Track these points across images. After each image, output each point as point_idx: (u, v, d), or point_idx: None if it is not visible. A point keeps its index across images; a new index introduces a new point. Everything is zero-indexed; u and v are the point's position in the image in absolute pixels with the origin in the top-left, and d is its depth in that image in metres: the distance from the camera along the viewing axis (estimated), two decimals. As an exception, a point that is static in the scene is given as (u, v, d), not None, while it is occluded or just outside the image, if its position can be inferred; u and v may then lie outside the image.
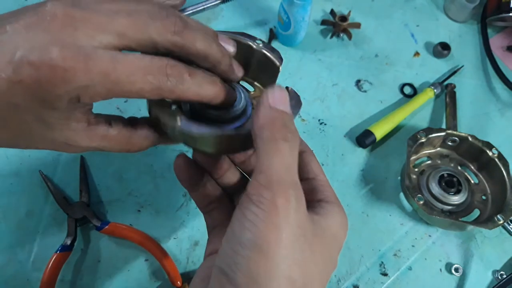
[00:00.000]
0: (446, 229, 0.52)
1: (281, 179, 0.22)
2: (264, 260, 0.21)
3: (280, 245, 0.21)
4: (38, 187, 0.50)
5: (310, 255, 0.22)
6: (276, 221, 0.21)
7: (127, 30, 0.23)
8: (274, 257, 0.21)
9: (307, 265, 0.22)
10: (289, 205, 0.21)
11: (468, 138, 0.54)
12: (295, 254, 0.21)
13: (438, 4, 0.70)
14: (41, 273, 0.44)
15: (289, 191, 0.21)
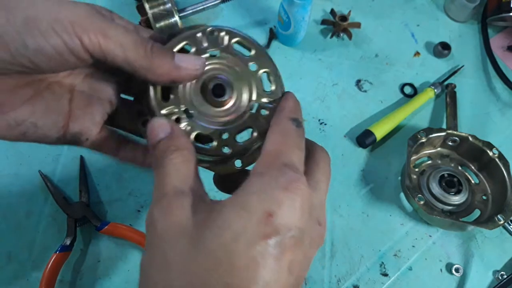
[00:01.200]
0: (447, 229, 0.52)
1: (153, 199, 0.24)
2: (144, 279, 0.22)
3: (152, 258, 0.22)
4: (38, 187, 0.50)
5: (192, 249, 0.21)
6: (147, 239, 0.23)
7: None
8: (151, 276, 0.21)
9: (188, 260, 0.21)
10: (151, 220, 0.22)
11: (469, 138, 0.54)
12: (173, 257, 0.21)
13: (438, 4, 0.70)
14: (40, 273, 0.44)
15: (152, 206, 0.23)
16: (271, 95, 0.32)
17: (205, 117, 0.30)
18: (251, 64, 0.32)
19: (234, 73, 0.32)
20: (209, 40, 0.31)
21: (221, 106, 0.31)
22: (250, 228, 0.20)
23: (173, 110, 0.30)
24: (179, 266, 0.20)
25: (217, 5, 0.57)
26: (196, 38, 0.31)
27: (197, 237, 0.21)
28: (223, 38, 0.32)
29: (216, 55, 0.31)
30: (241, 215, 0.20)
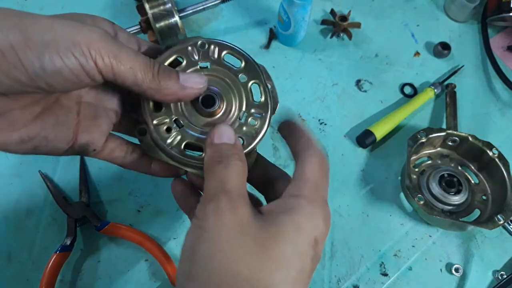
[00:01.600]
0: (447, 229, 0.52)
1: (212, 192, 0.26)
2: (192, 260, 0.24)
3: (210, 243, 0.24)
4: (38, 187, 0.50)
5: (259, 250, 0.24)
6: (203, 224, 0.25)
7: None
8: (203, 256, 0.24)
9: (254, 258, 0.24)
10: (217, 209, 0.25)
11: (469, 138, 0.54)
12: (236, 250, 0.24)
13: (438, 4, 0.70)
14: (41, 273, 0.44)
15: (218, 198, 0.25)
16: (260, 106, 0.33)
17: (195, 127, 0.32)
18: (241, 76, 0.33)
19: (224, 84, 0.33)
20: (200, 52, 0.33)
21: (211, 116, 0.32)
22: (304, 248, 0.25)
23: (164, 120, 0.31)
24: (243, 261, 0.24)
25: (217, 5, 0.57)
26: (188, 51, 0.32)
27: (262, 240, 0.24)
28: (214, 50, 0.33)
29: (207, 67, 0.33)
30: (298, 234, 0.25)
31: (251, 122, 0.33)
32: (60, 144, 0.31)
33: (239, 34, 0.63)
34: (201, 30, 0.63)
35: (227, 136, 0.29)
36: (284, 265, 0.24)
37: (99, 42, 0.26)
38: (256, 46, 0.62)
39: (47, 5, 0.62)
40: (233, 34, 0.63)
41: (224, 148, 0.28)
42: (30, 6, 0.62)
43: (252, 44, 0.63)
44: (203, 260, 0.24)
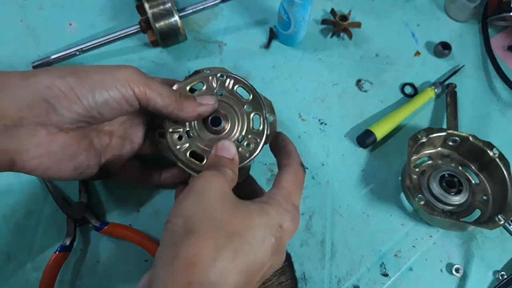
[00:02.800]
0: (447, 229, 0.52)
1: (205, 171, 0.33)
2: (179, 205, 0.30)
3: (195, 193, 0.30)
4: (37, 188, 0.50)
5: (234, 211, 0.30)
6: (192, 184, 0.31)
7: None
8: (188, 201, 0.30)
9: (228, 214, 0.30)
10: (206, 175, 0.32)
11: (469, 138, 0.54)
12: (215, 204, 0.30)
13: (438, 3, 0.70)
14: (40, 273, 0.44)
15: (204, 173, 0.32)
16: (257, 133, 0.41)
17: (202, 140, 0.40)
18: (247, 106, 0.42)
19: (231, 110, 0.41)
20: (218, 82, 0.42)
21: (216, 134, 0.40)
22: (270, 225, 0.31)
23: (178, 129, 0.40)
24: (223, 211, 0.30)
25: (217, 5, 0.57)
26: (208, 79, 0.42)
27: (238, 206, 0.31)
28: (229, 82, 0.42)
29: (221, 94, 0.41)
30: (265, 215, 0.32)
31: (247, 145, 0.40)
32: (94, 170, 0.39)
33: (239, 33, 0.63)
34: (201, 30, 0.63)
35: (228, 151, 0.36)
36: (252, 224, 0.30)
37: (134, 75, 0.35)
38: (256, 46, 0.62)
39: (47, 5, 0.62)
40: (233, 34, 0.63)
41: (224, 160, 0.35)
42: (29, 5, 0.62)
43: (252, 44, 0.62)
44: (188, 204, 0.30)
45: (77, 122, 0.34)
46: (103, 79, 0.33)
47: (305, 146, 0.56)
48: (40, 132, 0.32)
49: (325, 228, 0.51)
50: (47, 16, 0.61)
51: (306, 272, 0.49)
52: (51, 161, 0.34)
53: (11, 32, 0.59)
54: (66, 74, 0.32)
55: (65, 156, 0.34)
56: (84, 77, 0.33)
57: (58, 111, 0.32)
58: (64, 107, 0.32)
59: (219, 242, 0.28)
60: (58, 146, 0.33)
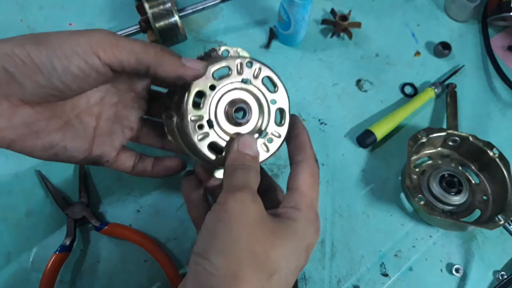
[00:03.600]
0: (447, 229, 0.52)
1: (236, 185, 0.31)
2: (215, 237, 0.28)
3: (234, 224, 0.28)
4: (37, 188, 0.50)
5: (273, 240, 0.29)
6: (228, 208, 0.29)
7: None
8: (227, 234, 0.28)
9: (268, 246, 0.28)
10: (242, 198, 0.29)
11: (469, 138, 0.54)
12: (255, 234, 0.28)
13: (438, 3, 0.70)
14: (40, 273, 0.44)
15: (243, 189, 0.30)
16: (280, 127, 0.38)
17: (222, 132, 0.36)
18: (272, 99, 0.38)
19: (256, 102, 0.37)
20: (245, 69, 0.37)
21: (238, 126, 0.37)
22: (301, 248, 0.31)
23: (199, 117, 0.35)
24: (260, 243, 0.28)
25: (217, 5, 0.56)
26: (236, 63, 0.37)
27: (275, 230, 0.29)
28: (257, 70, 0.37)
29: (246, 82, 0.37)
30: (297, 238, 0.31)
31: (267, 140, 0.37)
32: (76, 154, 0.35)
33: (239, 33, 0.63)
34: (201, 29, 0.63)
35: (252, 148, 0.34)
36: (288, 255, 0.29)
37: (99, 39, 0.30)
38: (256, 46, 0.62)
39: (47, 5, 0.62)
40: (233, 34, 0.63)
41: (248, 158, 0.33)
42: (29, 5, 0.62)
43: (252, 43, 0.62)
44: (228, 238, 0.27)
45: (42, 94, 0.31)
46: (62, 44, 0.30)
47: (305, 146, 0.56)
48: (1, 103, 0.30)
49: (325, 228, 0.51)
50: (47, 16, 0.61)
51: (306, 272, 0.49)
52: (14, 134, 0.31)
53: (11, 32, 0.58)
54: (26, 41, 0.30)
55: (30, 132, 0.32)
56: (44, 43, 0.30)
57: (18, 80, 0.29)
58: (24, 76, 0.29)
59: (262, 285, 0.27)
60: (21, 119, 0.31)
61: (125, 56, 0.31)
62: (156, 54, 0.32)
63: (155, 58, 0.32)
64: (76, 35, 0.30)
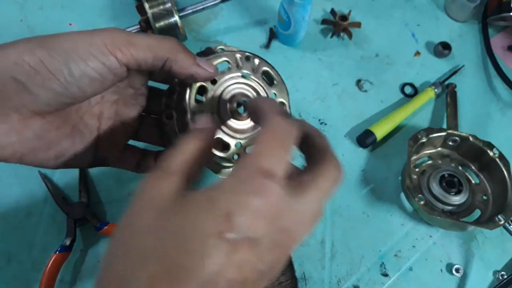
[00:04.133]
0: (447, 229, 0.52)
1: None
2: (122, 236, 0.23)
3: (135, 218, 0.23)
4: (37, 188, 0.50)
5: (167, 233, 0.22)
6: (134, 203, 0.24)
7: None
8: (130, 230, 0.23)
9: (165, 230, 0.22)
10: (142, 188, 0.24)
11: (469, 138, 0.54)
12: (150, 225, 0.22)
13: (438, 3, 0.70)
14: (40, 273, 0.44)
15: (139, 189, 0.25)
16: None
17: (224, 126, 0.35)
18: (272, 92, 0.37)
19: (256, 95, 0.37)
20: (244, 63, 0.37)
21: (241, 120, 0.36)
22: (208, 222, 0.21)
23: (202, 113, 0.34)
24: (145, 232, 0.22)
25: (217, 5, 0.57)
26: (236, 58, 0.36)
27: (167, 215, 0.22)
28: (256, 64, 0.37)
29: (247, 76, 0.37)
30: (206, 208, 0.21)
31: None
32: (85, 158, 0.34)
33: (239, 33, 0.63)
34: (201, 29, 0.63)
35: (202, 121, 0.30)
36: (178, 240, 0.21)
37: (113, 38, 0.28)
38: (256, 46, 0.62)
39: (47, 5, 0.62)
40: (233, 34, 0.63)
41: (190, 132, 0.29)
42: (29, 5, 0.62)
43: (252, 43, 0.62)
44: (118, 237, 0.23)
45: (56, 103, 0.29)
46: (76, 46, 0.27)
47: (305, 146, 0.56)
48: (12, 117, 0.28)
49: (325, 228, 0.51)
50: (47, 16, 0.61)
51: (306, 272, 0.49)
52: (25, 148, 0.29)
53: (11, 32, 0.59)
54: (35, 46, 0.27)
55: (42, 144, 0.30)
56: (55, 47, 0.27)
57: (31, 90, 0.27)
58: (37, 84, 0.27)
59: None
60: (32, 133, 0.29)
61: (142, 54, 0.29)
62: (171, 49, 0.30)
63: (171, 53, 0.31)
64: (88, 36, 0.28)
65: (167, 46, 0.30)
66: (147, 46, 0.29)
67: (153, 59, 0.30)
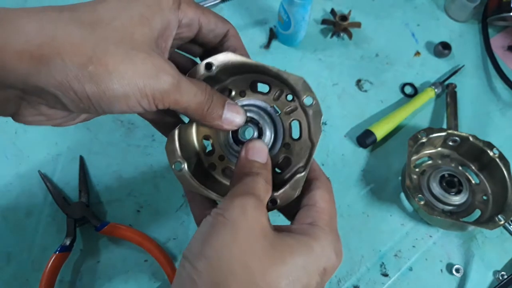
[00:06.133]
0: (447, 229, 0.52)
1: (240, 191, 0.27)
2: (207, 242, 0.25)
3: (229, 231, 0.25)
4: (37, 187, 0.50)
5: (274, 255, 0.25)
6: (226, 214, 0.25)
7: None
8: (219, 241, 0.24)
9: (266, 261, 0.24)
10: (243, 205, 0.26)
11: (469, 138, 0.54)
12: (252, 246, 0.25)
13: (438, 3, 0.70)
14: (40, 273, 0.44)
15: (246, 196, 0.27)
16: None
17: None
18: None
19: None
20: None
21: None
22: (313, 270, 0.26)
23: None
24: (257, 256, 0.24)
25: (217, 5, 0.57)
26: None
27: (278, 246, 0.25)
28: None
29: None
30: (310, 255, 0.26)
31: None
32: None
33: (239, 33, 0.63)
34: (201, 29, 0.63)
35: (261, 154, 0.31)
36: (292, 276, 0.25)
37: (164, 94, 0.27)
38: (256, 46, 0.62)
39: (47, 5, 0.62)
40: (233, 34, 0.63)
41: (256, 165, 0.30)
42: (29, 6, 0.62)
43: (252, 43, 0.62)
44: (218, 244, 0.24)
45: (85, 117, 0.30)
46: (127, 94, 0.26)
47: (305, 146, 0.56)
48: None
49: (325, 228, 0.51)
50: (47, 16, 0.61)
51: (306, 272, 0.49)
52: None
53: (11, 32, 0.59)
54: (84, 77, 0.25)
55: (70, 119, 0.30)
56: (105, 87, 0.25)
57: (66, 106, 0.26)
58: (74, 107, 0.26)
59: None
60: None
61: (177, 109, 0.28)
62: (202, 115, 0.30)
63: (200, 116, 0.30)
64: (142, 81, 0.26)
65: (199, 112, 0.30)
66: (185, 108, 0.29)
67: (182, 112, 0.30)
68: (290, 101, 0.33)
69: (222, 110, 0.31)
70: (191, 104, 0.29)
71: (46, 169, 0.51)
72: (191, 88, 0.28)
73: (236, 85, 0.34)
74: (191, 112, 0.29)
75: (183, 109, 0.29)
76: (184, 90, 0.28)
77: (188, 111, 0.29)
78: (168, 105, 0.28)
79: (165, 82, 0.27)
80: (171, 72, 0.27)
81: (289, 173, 0.32)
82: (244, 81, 0.33)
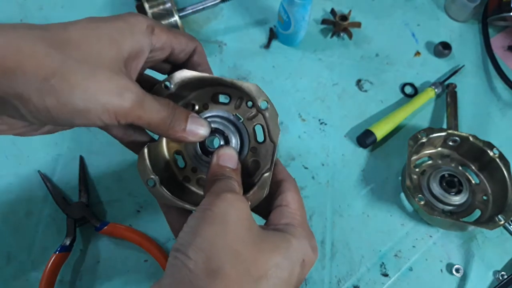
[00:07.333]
0: (447, 229, 0.52)
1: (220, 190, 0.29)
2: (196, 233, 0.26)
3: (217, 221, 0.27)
4: (37, 187, 0.50)
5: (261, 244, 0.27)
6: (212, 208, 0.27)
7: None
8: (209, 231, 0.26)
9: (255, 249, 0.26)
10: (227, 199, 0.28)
11: (469, 138, 0.54)
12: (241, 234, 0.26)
13: (438, 3, 0.70)
14: (40, 273, 0.44)
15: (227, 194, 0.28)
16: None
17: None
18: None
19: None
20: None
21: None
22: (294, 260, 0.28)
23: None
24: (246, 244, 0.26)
25: (217, 5, 0.57)
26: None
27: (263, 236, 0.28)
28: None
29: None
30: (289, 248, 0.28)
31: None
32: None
33: (239, 33, 0.63)
34: (201, 29, 0.63)
35: (231, 159, 0.33)
36: (279, 262, 0.27)
37: (127, 110, 0.28)
38: (256, 46, 0.62)
39: (47, 5, 0.62)
40: (233, 34, 0.63)
41: (228, 170, 0.32)
42: (29, 5, 0.62)
43: (252, 43, 0.62)
44: (211, 235, 0.26)
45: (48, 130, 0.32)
46: (88, 109, 0.26)
47: (305, 146, 0.56)
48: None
49: (325, 228, 0.51)
50: (47, 16, 0.61)
51: (306, 272, 0.49)
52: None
53: (11, 32, 0.59)
54: (46, 91, 0.25)
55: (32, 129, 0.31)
56: (66, 100, 0.26)
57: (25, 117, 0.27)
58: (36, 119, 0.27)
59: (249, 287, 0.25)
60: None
61: (140, 124, 0.29)
62: (165, 129, 0.31)
63: (164, 132, 0.31)
64: (105, 97, 0.27)
65: (163, 128, 0.31)
66: (148, 124, 0.30)
67: (145, 127, 0.31)
68: (250, 107, 0.35)
69: (185, 123, 0.32)
70: (154, 119, 0.30)
71: (46, 169, 0.51)
72: (154, 105, 0.30)
73: (198, 99, 0.36)
74: (154, 126, 0.31)
75: (147, 124, 0.30)
76: (147, 107, 0.29)
77: (151, 126, 0.30)
78: (131, 120, 0.29)
79: (128, 99, 0.28)
80: (135, 90, 0.28)
81: (258, 176, 0.34)
82: (206, 95, 0.36)
